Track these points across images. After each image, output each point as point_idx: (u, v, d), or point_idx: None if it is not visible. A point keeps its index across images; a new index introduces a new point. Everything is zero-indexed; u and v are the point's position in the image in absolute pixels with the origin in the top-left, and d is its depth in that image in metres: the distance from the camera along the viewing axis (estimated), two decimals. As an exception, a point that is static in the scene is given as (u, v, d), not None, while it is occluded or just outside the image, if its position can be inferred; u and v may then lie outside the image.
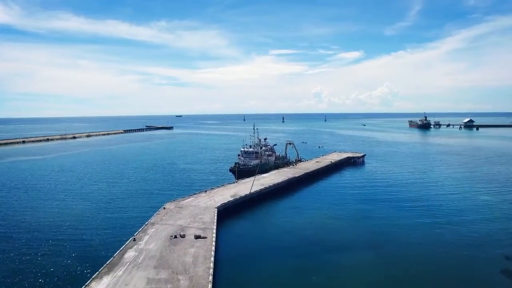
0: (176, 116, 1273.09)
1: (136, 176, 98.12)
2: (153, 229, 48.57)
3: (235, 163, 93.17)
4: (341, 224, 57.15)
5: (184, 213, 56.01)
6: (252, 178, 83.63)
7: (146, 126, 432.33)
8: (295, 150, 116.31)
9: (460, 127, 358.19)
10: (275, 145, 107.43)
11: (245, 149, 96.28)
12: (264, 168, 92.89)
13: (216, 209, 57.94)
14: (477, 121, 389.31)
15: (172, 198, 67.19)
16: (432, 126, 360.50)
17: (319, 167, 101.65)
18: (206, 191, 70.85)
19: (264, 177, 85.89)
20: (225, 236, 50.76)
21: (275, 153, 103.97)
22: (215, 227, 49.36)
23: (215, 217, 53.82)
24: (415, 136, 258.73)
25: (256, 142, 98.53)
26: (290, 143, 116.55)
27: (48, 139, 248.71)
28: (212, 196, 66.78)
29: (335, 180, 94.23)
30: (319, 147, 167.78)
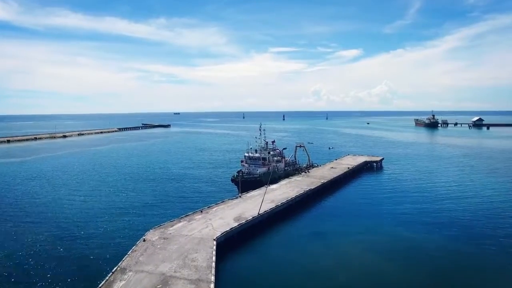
0: (174, 113, 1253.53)
1: (118, 187, 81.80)
2: (122, 282, 33.09)
3: (238, 171, 77.68)
4: (384, 263, 41.84)
5: (171, 250, 40.52)
6: (259, 191, 68.35)
7: (142, 124, 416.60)
8: (306, 154, 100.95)
9: (470, 126, 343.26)
10: (284, 148, 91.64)
11: (250, 154, 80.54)
12: (272, 177, 77.44)
13: (214, 242, 42.54)
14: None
15: (157, 221, 51.81)
16: (439, 125, 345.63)
17: (336, 174, 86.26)
18: (202, 211, 55.40)
19: (273, 189, 70.47)
20: (228, 291, 35.37)
21: (284, 158, 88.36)
22: (213, 277, 33.93)
23: (214, 257, 38.40)
24: (427, 136, 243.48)
25: (263, 146, 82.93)
26: (300, 146, 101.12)
27: (36, 138, 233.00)
28: (210, 219, 51.32)
29: (358, 191, 78.92)
30: (329, 148, 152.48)
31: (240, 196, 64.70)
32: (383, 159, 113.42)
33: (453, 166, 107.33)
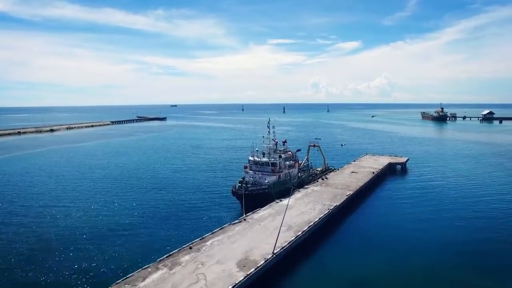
0: (171, 105, 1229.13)
1: (84, 202, 63.21)
2: None
3: (241, 181, 60.72)
4: None
5: None
6: (269, 210, 52.20)
7: (137, 116, 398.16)
8: (321, 155, 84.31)
9: (481, 120, 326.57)
10: (298, 150, 74.50)
11: (256, 159, 63.48)
12: (284, 188, 60.95)
13: (208, 318, 26.08)
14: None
15: (124, 268, 35.30)
16: (448, 119, 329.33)
17: (361, 182, 69.73)
18: (191, 247, 38.93)
19: (288, 206, 53.81)
20: None
21: (298, 162, 71.44)
22: None
23: None
24: (440, 131, 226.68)
25: (272, 147, 66.00)
26: (314, 145, 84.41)
27: (19, 133, 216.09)
28: (202, 264, 34.80)
29: (391, 205, 62.26)
30: (341, 145, 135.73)
31: (244, 219, 48.10)
32: (408, 160, 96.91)
33: (496, 170, 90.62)
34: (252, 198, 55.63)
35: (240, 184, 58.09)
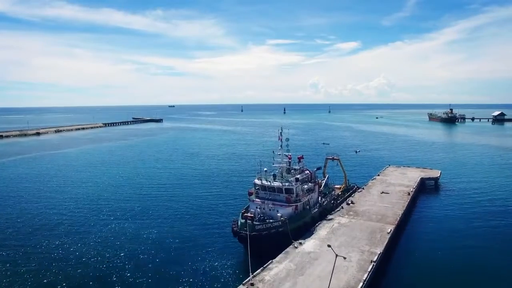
0: (169, 106, 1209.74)
1: (22, 238, 47.71)
2: None
3: (244, 214, 44.77)
4: None
5: None
6: (286, 262, 36.72)
7: (132, 118, 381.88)
8: (342, 171, 68.56)
9: (493, 122, 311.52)
10: (319, 168, 58.35)
11: (265, 182, 47.34)
12: (302, 223, 45.18)
13: None
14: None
15: None
16: (457, 120, 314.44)
17: (399, 210, 54.09)
18: None
19: (308, 254, 38.00)
20: None
21: (318, 183, 55.17)
22: None
23: None
24: (455, 134, 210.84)
25: (285, 165, 50.02)
26: (333, 159, 68.60)
27: (1, 136, 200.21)
28: None
29: (444, 241, 46.56)
30: (356, 152, 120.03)
31: (251, 284, 32.22)
32: (440, 174, 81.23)
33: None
34: (261, 241, 39.97)
35: (243, 221, 42.09)
